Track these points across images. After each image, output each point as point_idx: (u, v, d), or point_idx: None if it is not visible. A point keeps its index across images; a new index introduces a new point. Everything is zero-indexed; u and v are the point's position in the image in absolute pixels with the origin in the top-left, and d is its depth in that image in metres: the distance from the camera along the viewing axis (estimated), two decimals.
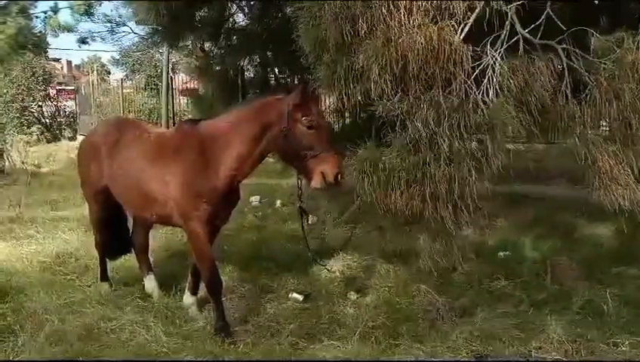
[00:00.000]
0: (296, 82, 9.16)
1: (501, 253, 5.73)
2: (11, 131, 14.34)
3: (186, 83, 18.34)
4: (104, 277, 5.13)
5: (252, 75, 9.77)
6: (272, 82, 9.40)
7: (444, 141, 3.48)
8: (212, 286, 4.29)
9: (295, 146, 3.89)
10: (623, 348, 3.79)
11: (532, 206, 7.62)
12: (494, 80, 3.67)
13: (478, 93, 3.63)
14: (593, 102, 3.64)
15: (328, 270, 5.09)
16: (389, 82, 3.58)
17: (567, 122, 3.71)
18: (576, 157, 3.74)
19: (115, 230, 5.11)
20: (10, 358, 3.75)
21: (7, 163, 11.85)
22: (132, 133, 4.70)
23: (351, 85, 3.92)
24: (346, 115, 7.59)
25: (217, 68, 9.11)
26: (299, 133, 3.87)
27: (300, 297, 4.71)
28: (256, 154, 4.14)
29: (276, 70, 9.42)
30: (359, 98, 3.86)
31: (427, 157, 3.49)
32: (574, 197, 7.74)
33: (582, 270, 5.16)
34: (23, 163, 12.07)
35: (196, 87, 11.87)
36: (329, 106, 8.81)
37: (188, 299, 4.68)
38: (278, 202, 8.29)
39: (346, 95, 4.00)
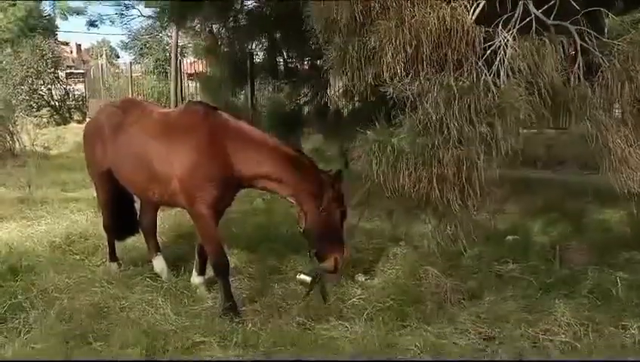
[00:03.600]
0: (305, 67, 9.13)
1: (509, 237, 5.72)
2: (21, 113, 14.38)
3: (193, 63, 18.30)
4: (113, 257, 5.17)
5: (260, 59, 9.73)
6: (281, 67, 9.36)
7: (454, 124, 3.45)
8: (218, 267, 4.31)
9: (324, 228, 4.21)
10: (632, 331, 3.78)
11: (542, 191, 7.60)
12: (505, 62, 3.63)
13: (489, 75, 3.59)
14: (606, 84, 3.60)
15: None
16: (401, 63, 3.55)
17: (578, 104, 3.67)
18: (587, 140, 3.71)
19: (121, 211, 5.13)
20: (22, 334, 3.79)
21: (16, 145, 11.89)
22: (136, 112, 4.71)
23: (362, 67, 3.90)
24: (355, 98, 7.55)
25: (225, 49, 9.07)
26: (332, 220, 4.22)
27: (308, 279, 4.70)
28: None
29: (284, 54, 9.37)
30: (370, 80, 3.84)
31: (436, 139, 3.46)
32: (584, 183, 7.73)
33: (591, 254, 5.14)
34: (32, 145, 12.13)
35: (204, 69, 11.84)
36: (338, 90, 8.81)
37: (195, 279, 4.70)
38: None
39: (357, 77, 3.97)
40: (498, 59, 3.62)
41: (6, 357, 3.50)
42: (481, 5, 3.68)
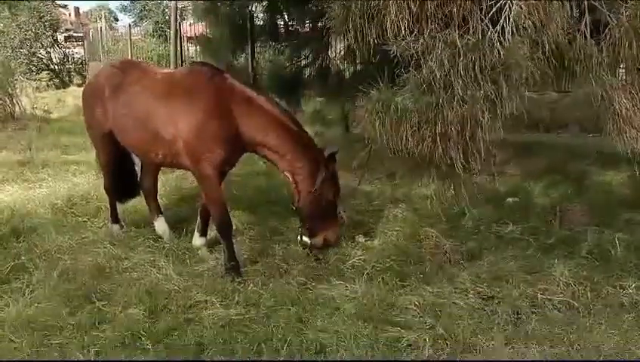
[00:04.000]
0: (306, 29, 9.00)
1: (509, 199, 5.72)
2: (20, 77, 14.26)
3: (193, 25, 18.08)
4: (115, 219, 5.17)
5: (261, 21, 9.58)
6: (281, 29, 9.22)
7: (459, 82, 3.41)
8: (222, 227, 4.34)
9: (316, 207, 4.31)
10: (629, 291, 3.82)
11: (544, 154, 7.59)
12: (511, 19, 3.56)
13: (494, 33, 3.53)
14: (612, 43, 3.55)
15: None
16: (405, 21, 3.49)
17: (584, 64, 3.62)
18: (592, 100, 3.68)
19: (122, 174, 5.12)
20: (26, 294, 3.83)
21: (17, 108, 11.83)
22: (136, 73, 4.65)
23: (365, 25, 3.83)
24: (357, 59, 7.45)
25: (226, 9, 8.91)
26: (325, 199, 4.30)
27: (309, 240, 4.73)
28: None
29: (285, 16, 9.21)
30: (374, 38, 3.78)
31: (440, 98, 3.43)
32: (587, 145, 7.71)
33: (591, 216, 5.15)
34: (32, 108, 12.06)
35: (204, 32, 11.67)
36: (339, 52, 8.69)
37: (197, 240, 4.72)
38: None
39: (360, 36, 3.91)
40: (503, 16, 3.56)
41: (10, 316, 3.55)
42: None
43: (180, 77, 4.64)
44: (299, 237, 4.72)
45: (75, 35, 24.37)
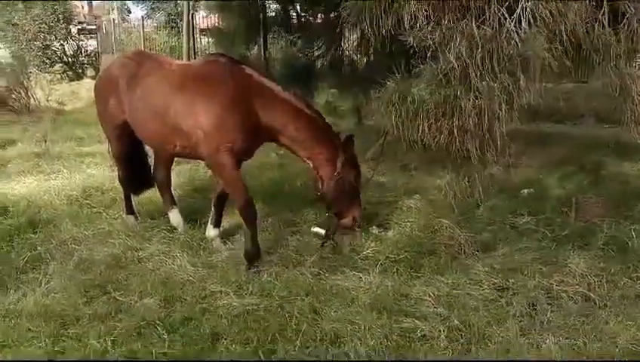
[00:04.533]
0: (319, 20, 8.97)
1: (525, 191, 5.68)
2: (34, 69, 14.36)
3: (206, 17, 18.07)
4: (130, 210, 5.20)
5: (273, 12, 9.56)
6: (294, 20, 9.20)
7: (476, 73, 3.38)
8: (247, 212, 4.34)
9: (341, 190, 4.40)
10: None
11: (559, 144, 7.52)
12: (527, 9, 3.53)
13: (511, 23, 3.50)
14: (631, 32, 3.50)
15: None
16: (423, 11, 3.46)
17: (602, 53, 3.58)
18: (610, 90, 3.64)
19: (136, 165, 5.14)
20: (42, 284, 3.87)
21: (31, 100, 11.91)
22: (151, 65, 4.65)
23: (381, 15, 3.81)
24: (371, 50, 7.42)
25: (239, 1, 8.90)
26: (347, 181, 4.39)
27: (322, 231, 4.74)
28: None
29: (298, 7, 9.18)
30: (389, 29, 3.75)
31: (458, 89, 3.40)
32: (603, 136, 7.63)
33: (607, 207, 5.10)
34: (47, 100, 12.15)
35: (217, 24, 11.67)
36: (353, 43, 8.65)
37: (211, 231, 4.74)
38: None
39: (375, 26, 3.88)
40: (520, 6, 3.52)
41: (28, 305, 3.59)
42: None
43: (198, 68, 4.63)
44: (312, 229, 4.74)
45: (88, 27, 24.40)
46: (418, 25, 3.52)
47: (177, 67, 4.66)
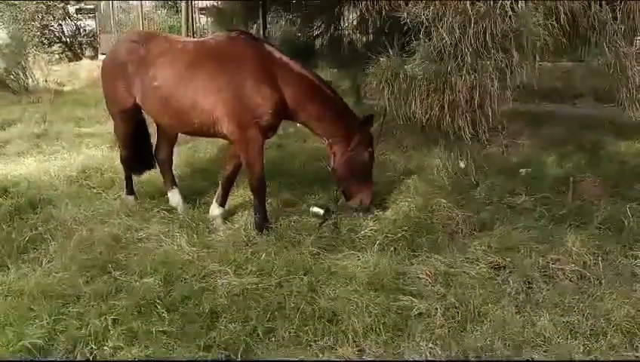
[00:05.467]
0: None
1: (522, 170, 5.69)
2: (33, 50, 14.28)
3: None
4: (130, 190, 5.22)
5: None
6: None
7: (468, 50, 3.38)
8: (260, 189, 4.49)
9: (351, 168, 4.53)
10: None
11: (557, 124, 7.51)
12: None
13: None
14: (628, 10, 3.49)
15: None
16: None
17: (598, 31, 3.56)
18: (606, 68, 3.63)
19: (140, 147, 5.14)
20: (43, 264, 3.91)
21: (30, 81, 11.88)
22: (162, 45, 4.61)
23: None
24: (370, 30, 7.40)
25: None
26: (359, 160, 4.51)
27: (321, 211, 4.76)
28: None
29: None
30: (385, 5, 3.74)
31: (450, 65, 3.40)
32: (601, 116, 7.62)
33: (605, 187, 5.13)
34: (45, 81, 12.11)
35: (216, 3, 11.60)
36: (352, 22, 8.62)
37: (215, 210, 4.77)
38: None
39: (371, 3, 3.87)
40: None
41: (29, 285, 3.62)
42: None
43: (218, 45, 4.60)
44: (310, 208, 4.77)
45: (86, 7, 24.21)
46: (412, 1, 3.50)
47: (194, 45, 4.64)
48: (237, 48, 4.45)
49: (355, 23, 8.25)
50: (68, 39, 19.72)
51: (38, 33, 18.13)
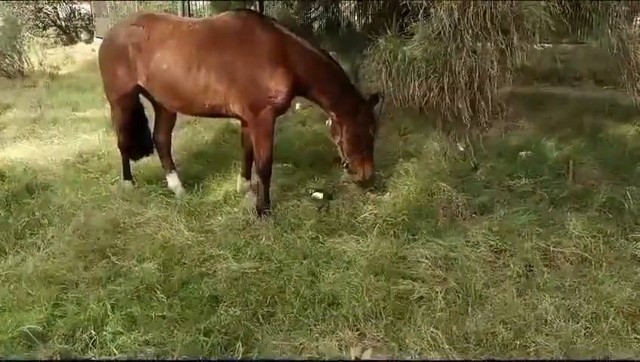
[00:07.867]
0: None
1: (522, 153, 5.67)
2: (27, 33, 14.10)
3: None
4: (127, 175, 5.18)
5: None
6: None
7: (468, 31, 3.33)
8: (266, 171, 4.50)
9: (357, 141, 4.61)
10: None
11: (557, 107, 7.47)
12: None
13: None
14: None
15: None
16: None
17: (601, 12, 3.52)
18: (608, 50, 3.59)
19: (138, 132, 5.07)
20: (41, 249, 3.88)
21: (25, 65, 11.76)
22: (165, 26, 4.51)
23: None
24: (369, 11, 7.33)
25: None
26: (364, 134, 4.60)
27: (320, 195, 4.74)
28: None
29: None
30: None
31: (449, 47, 3.35)
32: (601, 99, 7.57)
33: (605, 169, 5.12)
34: (40, 65, 11.99)
35: None
36: (350, 4, 8.52)
37: (244, 183, 4.91)
38: (298, 105, 8.18)
39: None
40: None
41: (27, 270, 3.60)
42: None
43: (228, 25, 4.51)
44: (310, 192, 4.75)
45: None
46: None
47: (201, 26, 4.56)
48: (248, 28, 4.39)
49: (353, 4, 8.16)
50: (63, 22, 19.51)
51: (32, 16, 17.91)
